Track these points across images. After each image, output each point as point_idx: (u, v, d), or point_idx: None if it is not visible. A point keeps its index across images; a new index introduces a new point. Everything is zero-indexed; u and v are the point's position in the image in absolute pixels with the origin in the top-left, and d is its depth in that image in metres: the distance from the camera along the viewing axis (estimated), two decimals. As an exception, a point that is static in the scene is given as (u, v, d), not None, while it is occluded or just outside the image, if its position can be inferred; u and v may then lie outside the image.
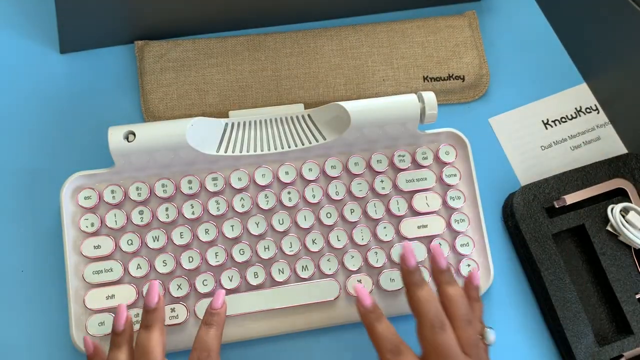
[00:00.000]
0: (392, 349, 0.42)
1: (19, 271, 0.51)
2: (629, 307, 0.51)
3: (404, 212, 0.51)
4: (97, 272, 0.48)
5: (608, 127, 0.58)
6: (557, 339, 0.52)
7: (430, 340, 0.42)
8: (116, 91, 0.55)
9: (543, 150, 0.57)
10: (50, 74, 0.55)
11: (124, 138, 0.48)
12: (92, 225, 0.49)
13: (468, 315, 0.43)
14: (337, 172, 0.51)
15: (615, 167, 0.53)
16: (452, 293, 0.44)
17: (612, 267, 0.51)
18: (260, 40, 0.56)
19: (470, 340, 0.43)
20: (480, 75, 0.57)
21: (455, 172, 0.52)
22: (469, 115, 0.57)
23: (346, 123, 0.50)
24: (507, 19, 0.60)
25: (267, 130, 0.51)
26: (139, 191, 0.49)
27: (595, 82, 0.58)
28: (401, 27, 0.57)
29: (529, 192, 0.53)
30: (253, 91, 0.55)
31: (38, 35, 0.56)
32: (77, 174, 0.49)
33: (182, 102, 0.54)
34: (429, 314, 0.42)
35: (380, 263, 0.50)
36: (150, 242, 0.49)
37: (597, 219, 0.52)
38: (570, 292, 0.51)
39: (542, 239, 0.51)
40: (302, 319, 0.50)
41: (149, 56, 0.55)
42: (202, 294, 0.48)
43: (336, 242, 0.50)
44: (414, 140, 0.53)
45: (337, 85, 0.56)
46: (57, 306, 0.50)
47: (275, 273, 0.49)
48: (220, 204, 0.50)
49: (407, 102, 0.50)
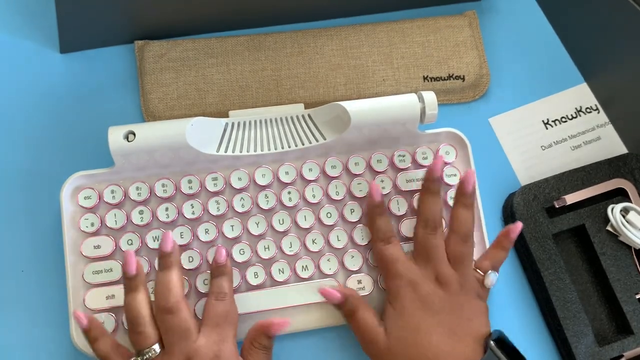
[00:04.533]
0: (384, 238, 0.48)
1: (19, 271, 0.51)
2: (629, 307, 0.51)
3: (404, 212, 0.51)
4: (97, 272, 0.48)
5: (608, 127, 0.58)
6: (557, 339, 0.52)
7: (420, 237, 0.47)
8: (116, 91, 0.55)
9: (543, 150, 0.57)
10: (50, 74, 0.55)
11: (124, 138, 0.48)
12: (92, 225, 0.49)
13: (465, 235, 0.47)
14: (337, 172, 0.51)
15: (615, 167, 0.53)
16: (462, 212, 0.47)
17: (612, 267, 0.51)
18: (260, 40, 0.56)
19: (457, 254, 0.47)
20: (480, 75, 0.57)
21: (455, 172, 0.52)
22: (469, 115, 0.57)
23: (346, 123, 0.50)
24: (507, 19, 0.60)
25: (267, 130, 0.51)
26: (139, 191, 0.49)
27: (595, 82, 0.58)
28: (401, 27, 0.57)
29: (529, 192, 0.53)
30: (253, 91, 0.55)
31: (38, 35, 0.56)
32: (77, 174, 0.49)
33: (182, 102, 0.54)
34: (426, 214, 0.47)
35: (380, 263, 0.50)
36: (150, 242, 0.49)
37: (597, 219, 0.52)
38: (570, 292, 0.51)
39: (542, 239, 0.51)
40: (302, 319, 0.50)
41: (149, 56, 0.55)
42: (202, 294, 0.48)
43: (336, 242, 0.50)
44: (414, 140, 0.53)
45: (337, 85, 0.56)
46: (57, 306, 0.50)
47: (275, 273, 0.49)
48: (220, 204, 0.50)
49: (407, 102, 0.50)
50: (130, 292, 0.44)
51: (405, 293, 0.46)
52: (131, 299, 0.44)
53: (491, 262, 0.48)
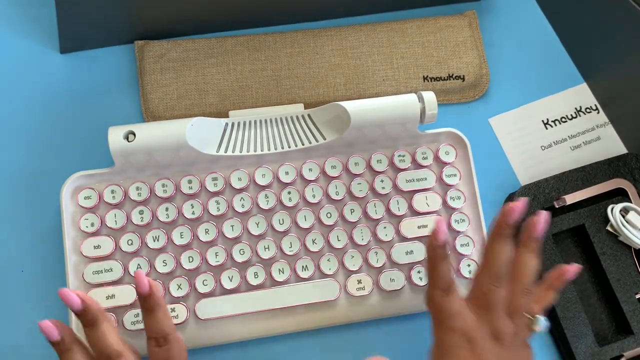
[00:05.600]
0: (444, 288, 0.43)
1: (19, 271, 0.51)
2: (629, 307, 0.51)
3: (404, 212, 0.51)
4: (97, 272, 0.48)
5: (608, 127, 0.58)
6: (557, 339, 0.52)
7: (485, 288, 0.43)
8: (116, 91, 0.55)
9: (543, 150, 0.57)
10: (50, 74, 0.55)
11: (124, 138, 0.48)
12: (92, 225, 0.49)
13: (528, 286, 0.43)
14: (337, 172, 0.51)
15: (615, 167, 0.53)
16: (528, 260, 0.44)
17: (612, 267, 0.51)
18: (260, 40, 0.56)
19: (518, 307, 0.43)
20: (480, 75, 0.57)
21: (455, 172, 0.52)
22: (469, 115, 0.57)
23: (346, 123, 0.50)
24: (507, 19, 0.60)
25: (267, 130, 0.51)
26: (139, 191, 0.49)
27: (595, 82, 0.58)
28: (401, 27, 0.57)
29: (529, 192, 0.53)
30: (253, 91, 0.55)
31: (38, 35, 0.56)
32: (77, 174, 0.49)
33: (182, 102, 0.54)
34: (494, 264, 0.43)
35: (380, 263, 0.50)
36: (150, 242, 0.49)
37: (597, 219, 0.52)
38: (570, 292, 0.51)
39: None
40: (302, 319, 0.50)
41: (149, 56, 0.55)
42: (202, 294, 0.48)
43: (336, 242, 0.50)
44: (414, 140, 0.53)
45: (337, 85, 0.56)
46: (57, 306, 0.49)
47: (275, 273, 0.49)
48: (220, 204, 0.50)
49: (407, 102, 0.50)
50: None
51: (460, 354, 0.42)
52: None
53: (541, 306, 0.45)
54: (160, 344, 0.41)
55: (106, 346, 0.40)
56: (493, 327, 0.42)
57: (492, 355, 0.42)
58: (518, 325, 0.43)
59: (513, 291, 0.43)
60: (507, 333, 0.42)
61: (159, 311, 0.41)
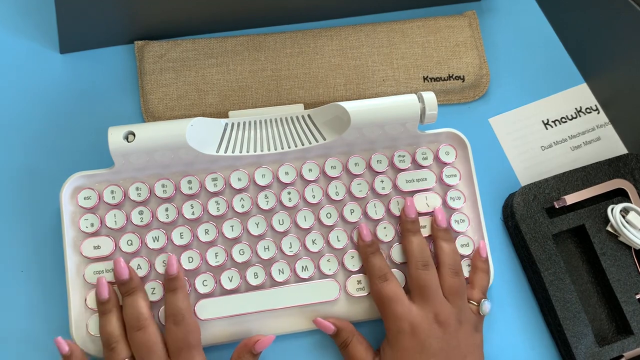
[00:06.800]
0: (380, 276, 0.48)
1: (19, 271, 0.51)
2: (629, 307, 0.51)
3: (404, 212, 0.51)
4: (97, 272, 0.48)
5: (608, 127, 0.58)
6: (557, 339, 0.52)
7: (414, 276, 0.47)
8: (116, 91, 0.55)
9: (543, 150, 0.57)
10: (50, 74, 0.55)
11: (123, 138, 0.48)
12: (92, 225, 0.49)
13: (455, 267, 0.48)
14: (337, 172, 0.51)
15: (615, 167, 0.53)
16: (445, 246, 0.49)
17: (612, 268, 0.51)
18: (260, 40, 0.56)
19: (452, 287, 0.47)
20: (480, 75, 0.57)
21: (455, 173, 0.52)
22: (469, 115, 0.57)
23: (346, 123, 0.50)
24: (507, 19, 0.60)
25: (266, 131, 0.51)
26: (139, 191, 0.49)
27: (595, 82, 0.58)
28: (401, 27, 0.57)
29: (529, 192, 0.53)
30: (253, 91, 0.55)
31: (38, 35, 0.56)
32: (77, 174, 0.49)
33: (181, 103, 0.54)
34: (415, 253, 0.48)
35: (380, 263, 0.50)
36: (150, 243, 0.49)
37: (597, 219, 0.52)
38: (570, 292, 0.51)
39: (542, 239, 0.51)
40: (302, 319, 0.50)
41: (149, 56, 0.55)
42: (202, 294, 0.48)
43: (336, 242, 0.50)
44: (414, 140, 0.53)
45: (337, 85, 0.56)
46: (57, 306, 0.50)
47: (275, 273, 0.49)
48: (220, 204, 0.50)
49: (407, 102, 0.50)
50: (103, 315, 0.46)
51: (405, 338, 0.45)
52: (104, 322, 0.46)
53: (479, 289, 0.49)
54: (178, 322, 0.45)
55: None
56: (434, 312, 0.46)
57: (435, 340, 0.45)
58: (461, 309, 0.46)
59: (442, 274, 0.48)
60: (450, 317, 0.46)
61: (181, 292, 0.46)
